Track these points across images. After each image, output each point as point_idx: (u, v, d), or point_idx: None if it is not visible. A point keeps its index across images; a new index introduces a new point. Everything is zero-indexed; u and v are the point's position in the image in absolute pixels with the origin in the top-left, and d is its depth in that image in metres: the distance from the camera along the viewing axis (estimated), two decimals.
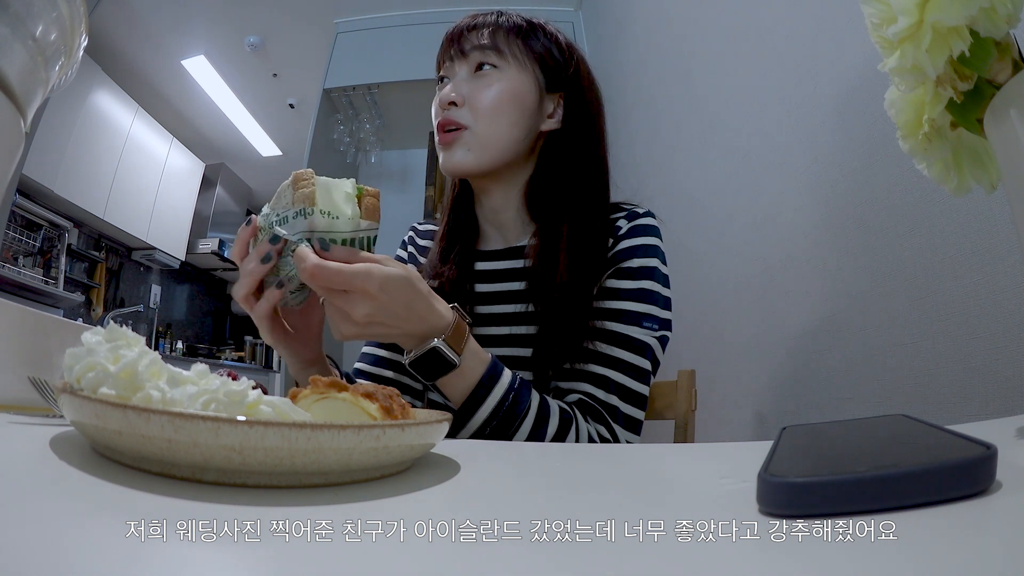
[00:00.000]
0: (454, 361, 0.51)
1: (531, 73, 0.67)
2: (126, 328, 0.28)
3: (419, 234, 0.83)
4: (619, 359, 0.61)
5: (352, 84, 3.01)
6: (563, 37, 0.72)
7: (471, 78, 0.67)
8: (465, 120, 0.65)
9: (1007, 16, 0.29)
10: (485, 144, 0.65)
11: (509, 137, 0.66)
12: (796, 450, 0.25)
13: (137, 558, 0.15)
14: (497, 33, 0.67)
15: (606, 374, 0.61)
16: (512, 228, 0.72)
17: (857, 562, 0.16)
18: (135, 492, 0.21)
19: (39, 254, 3.24)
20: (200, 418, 0.20)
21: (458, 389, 0.53)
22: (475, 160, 0.65)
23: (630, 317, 0.62)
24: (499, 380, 0.54)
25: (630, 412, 0.60)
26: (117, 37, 3.20)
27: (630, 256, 0.65)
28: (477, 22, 0.68)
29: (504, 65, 0.66)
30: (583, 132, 0.70)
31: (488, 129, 0.65)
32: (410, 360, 0.51)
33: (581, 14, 2.86)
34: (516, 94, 0.66)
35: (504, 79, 0.66)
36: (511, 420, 0.53)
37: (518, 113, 0.66)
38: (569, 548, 0.17)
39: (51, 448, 0.25)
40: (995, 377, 0.55)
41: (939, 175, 0.36)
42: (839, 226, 0.80)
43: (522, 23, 0.69)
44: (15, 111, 0.37)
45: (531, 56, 0.68)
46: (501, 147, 0.66)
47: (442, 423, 0.29)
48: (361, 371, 0.74)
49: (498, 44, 0.66)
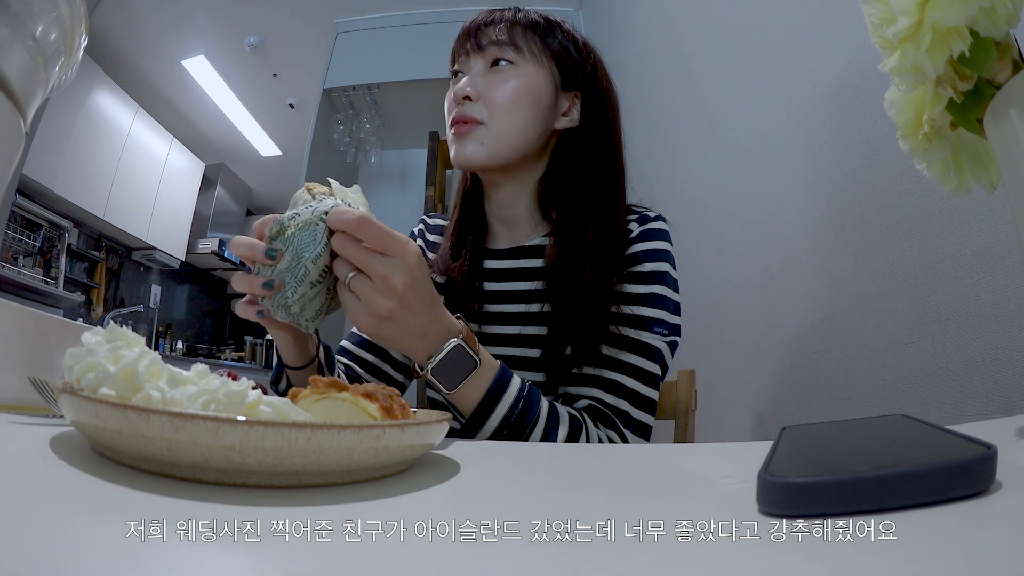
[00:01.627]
0: (476, 360, 0.49)
1: (547, 70, 0.67)
2: (126, 328, 0.28)
3: (429, 228, 0.82)
4: (630, 364, 0.60)
5: (352, 84, 3.01)
6: (580, 36, 0.71)
7: (487, 73, 0.66)
8: (480, 115, 0.65)
9: (1007, 16, 0.29)
10: (499, 139, 0.65)
11: (524, 133, 0.65)
12: (796, 450, 0.25)
13: (137, 558, 0.15)
14: (514, 28, 0.66)
15: (617, 379, 0.60)
16: (521, 226, 0.72)
17: (857, 562, 0.16)
18: (135, 492, 0.21)
19: (39, 254, 3.24)
20: (200, 418, 0.20)
21: (471, 397, 0.51)
22: (487, 154, 0.65)
23: (641, 322, 0.62)
24: (508, 387, 0.52)
25: (640, 417, 0.60)
26: (117, 37, 3.20)
27: (642, 260, 0.64)
28: (494, 17, 0.68)
29: (521, 61, 0.66)
30: (601, 132, 0.69)
31: (503, 125, 0.64)
32: (434, 365, 0.48)
33: (581, 14, 2.86)
34: (532, 90, 0.65)
35: (520, 75, 0.65)
36: (521, 427, 0.52)
37: (533, 110, 0.66)
38: (569, 548, 0.17)
39: (51, 448, 0.25)
40: (995, 377, 0.55)
41: (939, 175, 0.36)
42: (839, 226, 0.80)
43: (540, 20, 0.68)
44: (15, 111, 0.37)
45: (548, 53, 0.67)
46: (515, 143, 0.65)
47: (442, 423, 0.29)
48: (345, 349, 0.74)
49: (515, 40, 0.66)
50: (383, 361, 0.73)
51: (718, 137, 1.23)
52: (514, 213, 0.72)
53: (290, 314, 0.46)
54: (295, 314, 0.46)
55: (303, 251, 0.43)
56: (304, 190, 0.47)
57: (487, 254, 0.73)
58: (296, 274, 0.44)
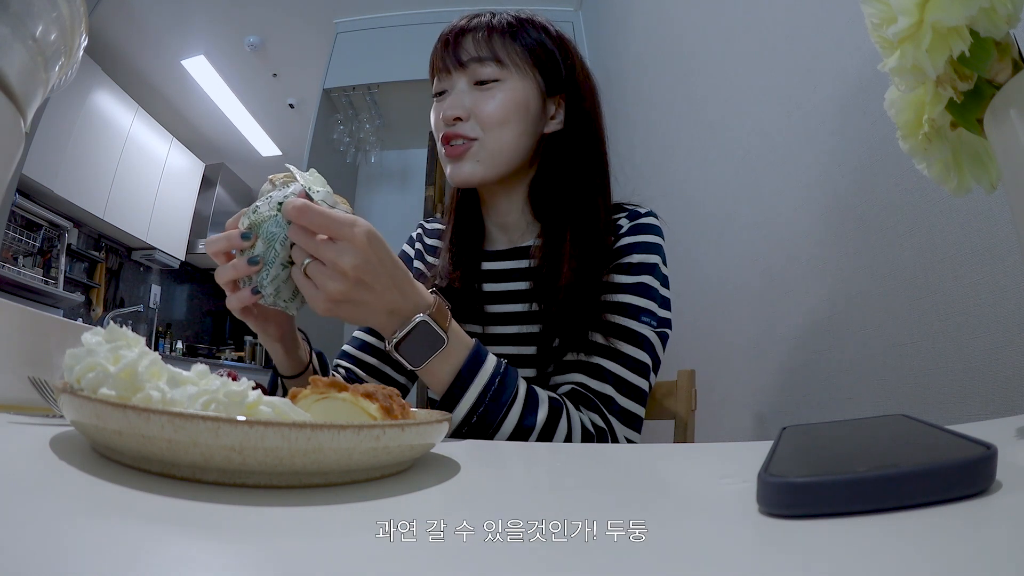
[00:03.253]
0: (443, 336, 0.49)
1: (532, 80, 0.67)
2: (126, 328, 0.28)
3: (427, 232, 0.83)
4: (615, 350, 0.60)
5: (352, 84, 3.02)
6: (554, 29, 0.71)
7: (471, 90, 0.66)
8: (473, 132, 0.65)
9: (1007, 16, 0.29)
10: (494, 155, 0.65)
11: (517, 146, 0.66)
12: (796, 450, 0.25)
13: (137, 558, 0.15)
14: (492, 39, 0.66)
15: (601, 363, 0.59)
16: (516, 229, 0.73)
17: (857, 562, 0.16)
18: (135, 492, 0.21)
19: (39, 254, 3.24)
20: (200, 418, 0.20)
21: (442, 374, 0.51)
22: (484, 171, 0.65)
23: (627, 310, 0.62)
24: (483, 364, 0.52)
25: (627, 405, 0.59)
26: (117, 37, 3.20)
27: (630, 252, 0.65)
28: (472, 25, 0.67)
29: (505, 75, 0.66)
30: (584, 131, 0.70)
31: (497, 142, 0.65)
32: (396, 340, 0.48)
33: (581, 14, 2.86)
34: (520, 103, 0.66)
35: (507, 89, 0.65)
36: (497, 408, 0.51)
37: (524, 122, 0.66)
38: (569, 548, 0.17)
39: (51, 448, 0.25)
40: (995, 377, 0.55)
41: (939, 175, 0.36)
42: (839, 226, 0.80)
43: (513, 21, 0.68)
44: (15, 111, 0.37)
45: (530, 61, 0.67)
46: (509, 156, 0.66)
47: (442, 423, 0.29)
48: (346, 352, 0.74)
49: (496, 53, 0.66)
50: (383, 363, 0.74)
51: (718, 137, 1.23)
52: (509, 218, 0.73)
53: (267, 297, 0.50)
54: (271, 295, 0.50)
55: (271, 239, 0.47)
56: (268, 182, 0.51)
57: (485, 256, 0.73)
58: (267, 257, 0.48)
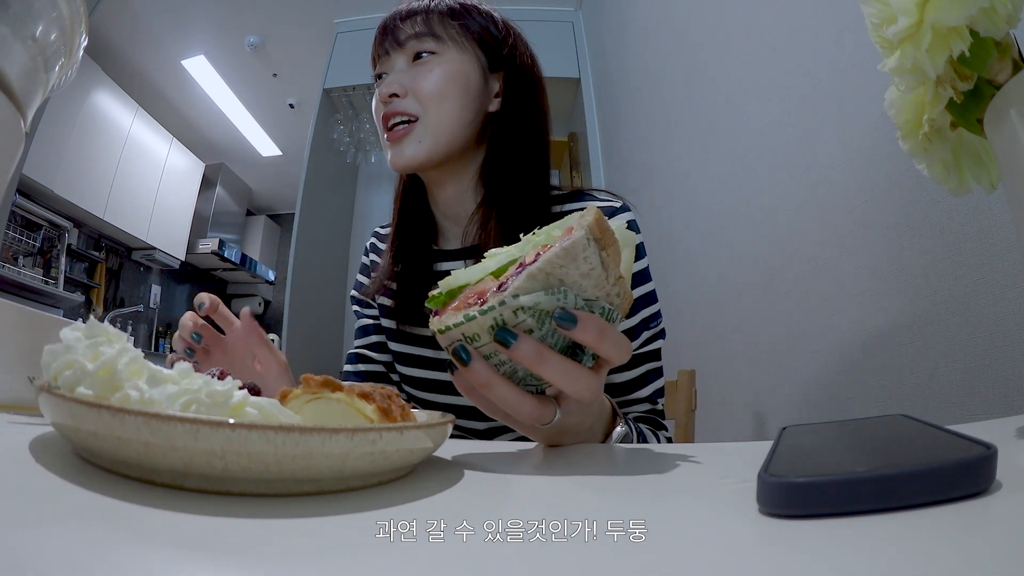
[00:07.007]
0: (630, 430, 0.51)
1: (472, 53, 0.65)
2: (107, 324, 0.26)
3: (380, 239, 0.79)
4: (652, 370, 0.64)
5: (352, 84, 3.01)
6: (499, 15, 0.70)
7: (410, 67, 0.64)
8: (412, 109, 0.62)
9: (1007, 16, 0.29)
10: (436, 132, 0.62)
11: (459, 120, 0.63)
12: (796, 450, 0.25)
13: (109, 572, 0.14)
14: (431, 17, 0.65)
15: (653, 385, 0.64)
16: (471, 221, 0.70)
17: (857, 562, 0.16)
18: (109, 500, 0.19)
19: (39, 254, 3.24)
20: (178, 420, 0.19)
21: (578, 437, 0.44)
22: (427, 151, 0.62)
23: (638, 328, 0.63)
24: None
25: (661, 407, 0.65)
26: (117, 37, 3.20)
27: None
28: (411, 8, 0.66)
29: (443, 49, 0.64)
30: (525, 111, 0.67)
31: (437, 116, 0.62)
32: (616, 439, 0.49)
33: (581, 14, 2.86)
34: (459, 75, 0.64)
35: (444, 62, 0.64)
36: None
37: (464, 95, 0.64)
38: (569, 548, 0.17)
39: (29, 451, 0.24)
40: (995, 377, 0.55)
41: (939, 175, 0.36)
42: (839, 226, 0.80)
43: (455, 5, 0.66)
44: (15, 111, 0.37)
45: (469, 36, 0.66)
46: (452, 132, 0.63)
47: (444, 425, 0.27)
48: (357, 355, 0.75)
49: (434, 29, 0.64)
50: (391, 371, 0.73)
51: (718, 137, 1.23)
52: (461, 209, 0.69)
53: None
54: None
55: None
56: (585, 232, 0.30)
57: (438, 256, 0.70)
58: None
